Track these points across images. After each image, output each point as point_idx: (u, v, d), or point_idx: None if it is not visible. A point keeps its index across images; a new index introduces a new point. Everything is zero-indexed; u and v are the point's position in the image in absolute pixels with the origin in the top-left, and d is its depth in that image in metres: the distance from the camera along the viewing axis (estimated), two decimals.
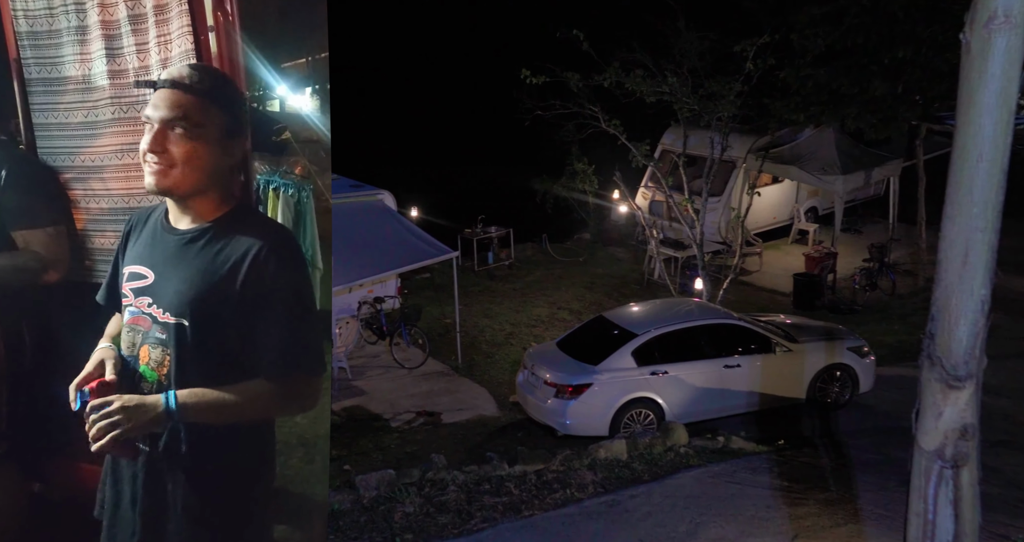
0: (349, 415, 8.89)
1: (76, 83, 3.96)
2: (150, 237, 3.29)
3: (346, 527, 5.60)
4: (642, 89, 10.26)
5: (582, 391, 8.16)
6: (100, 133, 3.96)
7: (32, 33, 3.99)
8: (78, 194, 4.02)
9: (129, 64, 3.84)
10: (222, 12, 3.60)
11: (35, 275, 3.75)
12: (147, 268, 3.23)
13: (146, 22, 3.78)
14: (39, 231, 3.77)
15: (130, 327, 3.24)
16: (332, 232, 11.09)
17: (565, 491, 6.14)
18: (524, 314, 11.74)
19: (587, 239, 15.25)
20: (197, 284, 3.09)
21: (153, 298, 3.17)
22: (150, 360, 3.15)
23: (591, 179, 14.58)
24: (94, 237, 4.03)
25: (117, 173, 3.96)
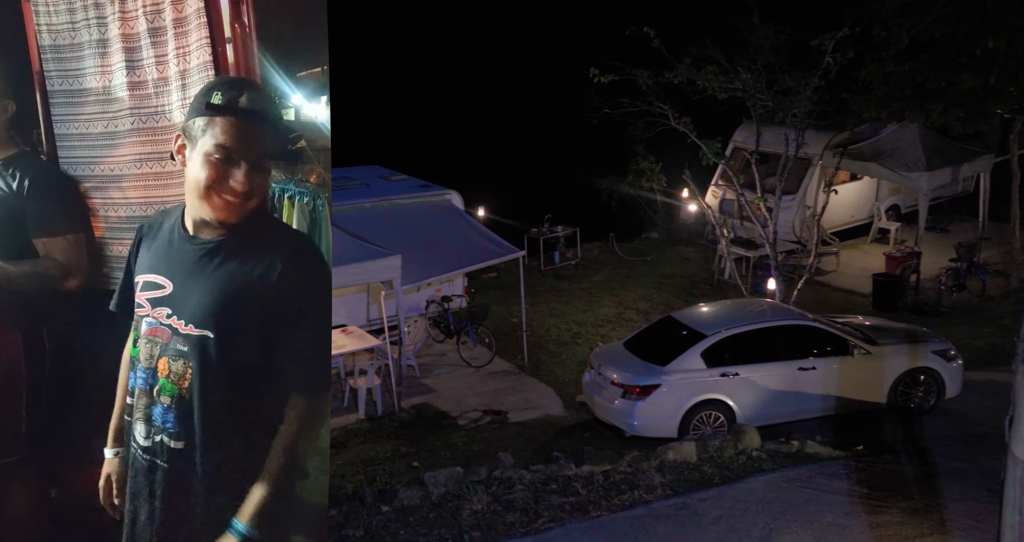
0: (418, 412, 9.01)
1: (97, 94, 4.05)
2: (166, 245, 3.21)
3: (415, 523, 5.67)
4: (714, 86, 10.06)
5: (650, 392, 8.05)
6: (119, 143, 4.03)
7: (55, 47, 4.10)
8: (97, 202, 4.10)
9: (148, 75, 3.91)
10: (239, 24, 3.63)
11: (55, 282, 3.83)
12: (164, 278, 3.15)
13: (165, 35, 3.83)
14: (59, 239, 3.86)
15: (148, 339, 3.17)
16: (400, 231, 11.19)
17: (633, 492, 6.07)
18: (591, 314, 11.67)
19: (655, 238, 15.06)
20: (220, 295, 3.01)
21: (173, 309, 3.09)
22: (170, 373, 3.07)
23: (659, 178, 14.40)
24: (112, 244, 4.10)
25: (135, 182, 4.03)
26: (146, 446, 3.14)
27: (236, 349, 3.02)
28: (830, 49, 9.70)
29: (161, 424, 3.10)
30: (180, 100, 3.85)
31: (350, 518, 5.71)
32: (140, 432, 3.16)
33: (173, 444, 3.08)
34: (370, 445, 8.27)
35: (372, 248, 9.07)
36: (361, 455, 8.03)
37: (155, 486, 3.13)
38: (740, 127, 14.09)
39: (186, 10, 3.71)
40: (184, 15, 3.72)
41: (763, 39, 10.40)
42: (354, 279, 9.01)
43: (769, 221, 10.52)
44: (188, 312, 3.04)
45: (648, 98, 10.64)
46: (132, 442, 3.21)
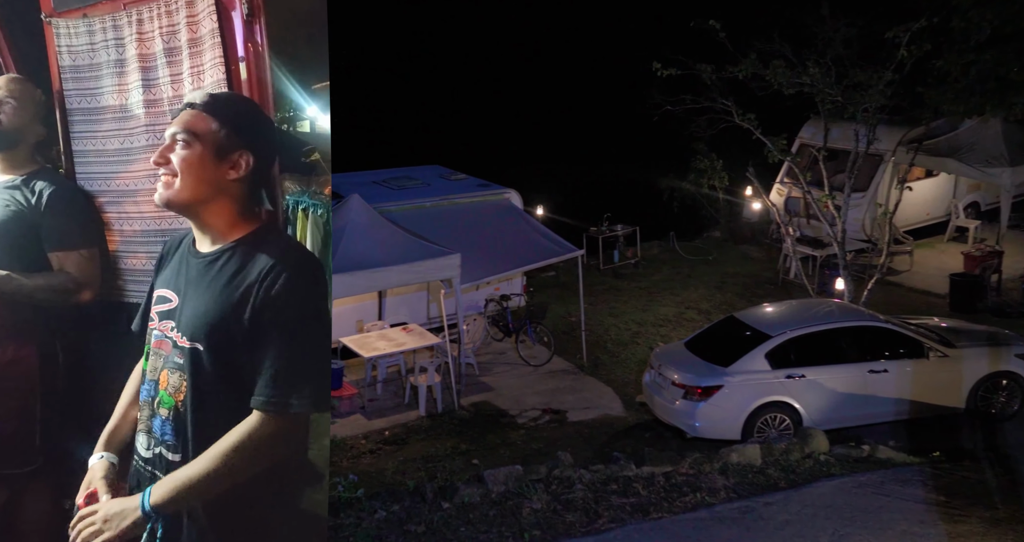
0: (477, 410, 9.06)
1: (113, 112, 4.15)
2: (178, 261, 3.28)
3: (475, 520, 5.69)
4: (780, 81, 9.79)
5: (712, 393, 7.90)
6: (134, 159, 4.11)
7: (74, 67, 4.22)
8: (112, 217, 4.18)
9: (164, 94, 3.99)
10: (252, 43, 3.68)
11: (69, 295, 3.89)
12: (172, 291, 3.21)
13: (180, 54, 3.92)
14: (74, 253, 3.92)
15: (154, 351, 3.21)
16: (459, 230, 11.24)
17: (695, 495, 5.96)
18: (650, 313, 11.53)
19: (717, 237, 14.77)
20: (212, 307, 3.02)
21: (175, 322, 3.13)
22: (168, 385, 3.09)
23: (721, 175, 14.11)
24: (126, 258, 4.17)
25: (149, 196, 3.97)
26: (147, 457, 3.18)
27: (226, 362, 2.99)
28: (905, 41, 9.33)
29: (160, 436, 3.13)
30: None
31: (411, 513, 5.77)
32: (142, 443, 3.20)
33: (171, 456, 3.10)
34: (430, 442, 8.35)
35: (432, 247, 9.16)
36: (421, 452, 8.11)
37: (160, 498, 3.12)
38: (807, 123, 13.70)
39: (200, 30, 3.81)
40: (199, 35, 3.82)
41: (833, 32, 10.08)
42: (414, 278, 9.11)
43: (837, 219, 10.20)
44: (184, 324, 3.09)
45: (711, 94, 10.44)
46: (135, 453, 3.26)
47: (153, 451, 3.15)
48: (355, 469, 7.53)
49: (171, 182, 3.06)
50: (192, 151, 3.05)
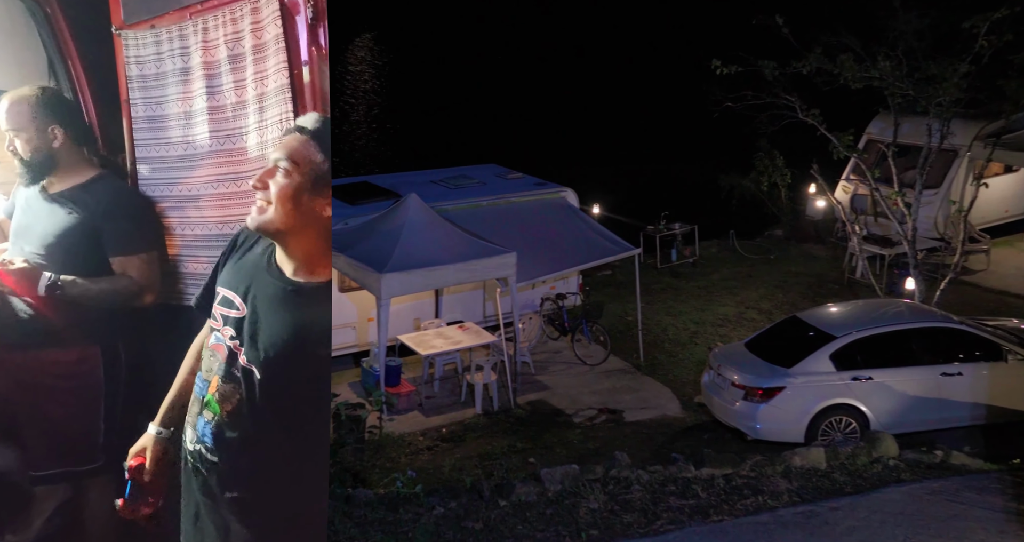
0: (533, 409, 9.06)
1: (178, 119, 4.18)
2: (252, 268, 3.15)
3: (532, 519, 5.68)
4: (847, 75, 9.49)
5: (774, 395, 7.72)
6: (197, 165, 4.14)
7: (141, 76, 4.27)
8: (174, 221, 4.21)
9: (227, 100, 3.99)
10: (316, 46, 3.61)
11: (131, 298, 3.91)
12: (240, 299, 3.11)
13: (244, 61, 3.90)
14: (134, 257, 3.94)
15: (211, 352, 3.18)
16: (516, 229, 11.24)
17: (757, 498, 5.83)
18: (709, 313, 11.33)
19: (779, 236, 14.41)
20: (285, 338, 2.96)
21: (238, 333, 3.06)
22: (218, 393, 3.08)
23: (783, 172, 13.77)
24: (188, 262, 4.20)
25: (212, 202, 4.12)
26: (190, 449, 3.23)
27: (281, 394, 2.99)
28: (984, 31, 8.93)
29: (201, 436, 3.17)
30: (257, 122, 3.94)
31: (469, 510, 5.80)
32: (188, 436, 3.24)
33: (210, 457, 3.14)
34: (486, 440, 8.38)
35: (488, 246, 9.19)
36: (478, 449, 8.15)
37: (196, 487, 3.21)
38: (876, 118, 13.25)
39: (265, 37, 3.80)
40: (263, 41, 3.81)
41: (905, 24, 9.71)
42: (470, 276, 9.16)
43: (908, 217, 9.83)
44: (250, 344, 3.02)
45: (773, 90, 10.20)
46: (184, 440, 3.29)
47: (195, 446, 3.19)
48: (413, 465, 7.62)
49: (265, 208, 2.98)
50: (291, 181, 2.97)
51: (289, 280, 3.02)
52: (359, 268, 8.61)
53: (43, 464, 3.94)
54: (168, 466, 3.40)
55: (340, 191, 10.22)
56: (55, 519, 3.98)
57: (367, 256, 8.63)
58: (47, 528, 3.96)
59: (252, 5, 3.83)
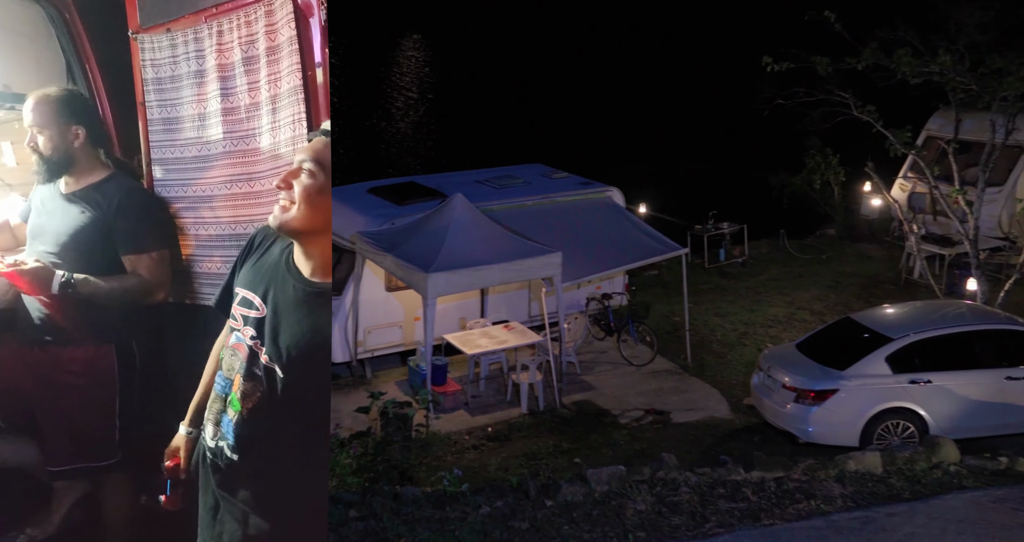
0: (579, 409, 9.01)
1: (192, 121, 4.20)
2: (270, 270, 3.17)
3: (579, 519, 5.65)
4: (905, 70, 9.21)
5: (826, 397, 7.54)
6: (211, 165, 4.16)
7: (157, 79, 4.31)
8: (188, 222, 4.25)
9: (241, 102, 3.99)
10: (330, 49, 3.67)
11: (142, 296, 3.96)
12: (260, 299, 3.13)
13: (258, 63, 3.90)
14: (144, 256, 3.99)
15: (232, 351, 3.21)
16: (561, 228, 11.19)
17: (809, 502, 5.69)
18: (759, 314, 11.12)
19: (832, 235, 14.08)
20: (310, 338, 3.01)
21: (259, 333, 3.09)
22: (240, 391, 3.11)
23: (836, 171, 13.44)
24: (202, 262, 4.24)
25: (225, 202, 4.14)
26: (211, 446, 3.27)
27: (303, 393, 3.05)
28: None
29: (224, 432, 3.21)
30: (270, 123, 3.94)
31: (515, 510, 5.79)
32: (209, 432, 3.28)
33: (231, 455, 3.18)
34: (532, 439, 8.37)
35: (533, 245, 9.18)
36: (524, 449, 8.14)
37: (215, 482, 3.25)
38: (935, 114, 12.84)
39: (279, 38, 3.79)
40: (277, 43, 3.80)
41: (968, 16, 9.39)
42: (515, 276, 9.16)
43: (969, 216, 9.50)
44: (272, 345, 3.06)
45: (827, 86, 9.97)
46: (203, 437, 3.34)
47: (217, 443, 3.23)
48: (459, 464, 7.65)
49: (288, 207, 3.02)
50: (315, 182, 3.00)
51: (308, 281, 3.07)
52: (405, 268, 8.69)
53: (61, 460, 4.02)
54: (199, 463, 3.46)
55: (387, 191, 10.33)
56: (75, 513, 4.08)
57: (413, 256, 8.71)
58: (67, 522, 4.07)
59: (267, 8, 3.84)
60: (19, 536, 4.04)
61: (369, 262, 9.23)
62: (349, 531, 5.22)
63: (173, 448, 3.57)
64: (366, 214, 9.61)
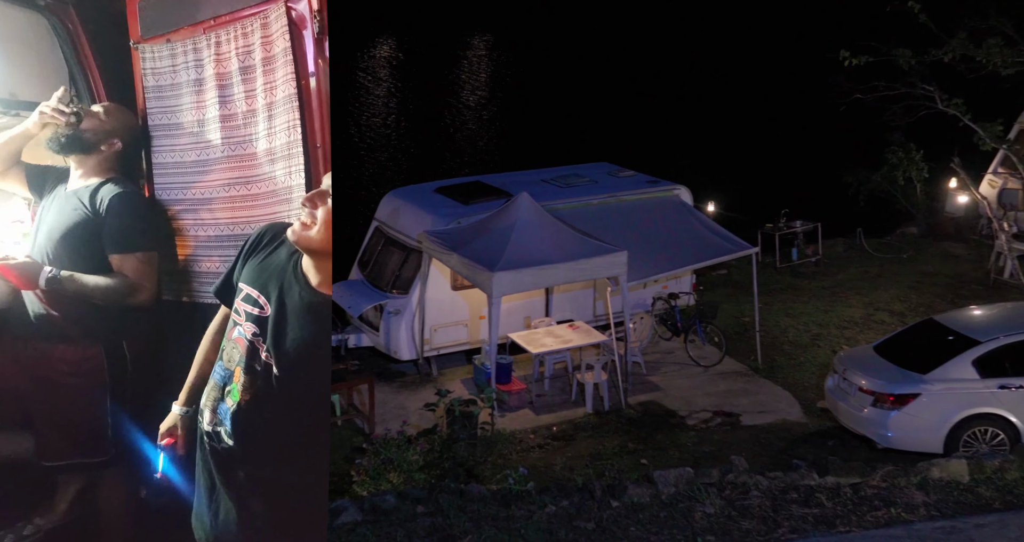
0: (644, 409, 8.89)
1: (191, 127, 4.32)
2: (278, 272, 3.27)
3: (645, 521, 5.56)
4: (996, 61, 8.75)
5: (907, 402, 7.22)
6: (210, 169, 4.27)
7: (157, 87, 4.44)
8: (188, 223, 4.35)
9: (238, 109, 4.12)
10: (322, 59, 3.76)
11: (124, 296, 3.99)
12: (265, 299, 3.24)
13: (255, 72, 4.03)
14: (131, 256, 4.02)
15: (233, 344, 3.32)
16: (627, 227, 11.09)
17: (889, 510, 5.45)
18: (833, 315, 10.74)
19: (913, 233, 13.48)
20: (316, 345, 3.16)
21: (261, 331, 3.21)
22: (240, 383, 3.24)
23: (919, 166, 12.87)
24: (201, 261, 4.34)
25: (224, 204, 4.25)
26: (208, 431, 3.38)
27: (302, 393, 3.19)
28: None
29: (222, 419, 3.32)
30: (266, 129, 4.07)
31: (581, 510, 5.75)
32: (206, 418, 3.39)
33: (228, 441, 3.30)
34: (597, 439, 8.30)
35: (598, 244, 9.11)
36: (589, 449, 8.08)
37: (213, 465, 3.37)
38: None
39: (274, 49, 3.93)
40: (272, 54, 3.94)
41: None
42: (580, 275, 9.11)
43: None
44: (274, 344, 3.18)
45: (909, 80, 9.56)
46: (200, 420, 3.45)
47: (214, 428, 3.35)
48: (524, 462, 7.64)
49: (309, 226, 3.14)
50: None
51: (314, 290, 3.22)
52: (471, 266, 8.75)
53: (54, 455, 4.13)
54: (194, 442, 3.60)
55: (453, 191, 10.43)
56: (77, 505, 4.17)
57: (479, 255, 8.76)
58: (69, 513, 4.14)
59: (262, 20, 3.99)
60: (27, 526, 4.17)
61: (435, 261, 9.33)
62: (417, 526, 5.28)
63: (169, 427, 3.72)
64: (433, 213, 9.72)
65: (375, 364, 9.63)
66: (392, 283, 9.68)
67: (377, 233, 10.26)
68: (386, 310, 9.47)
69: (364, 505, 5.61)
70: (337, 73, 18.85)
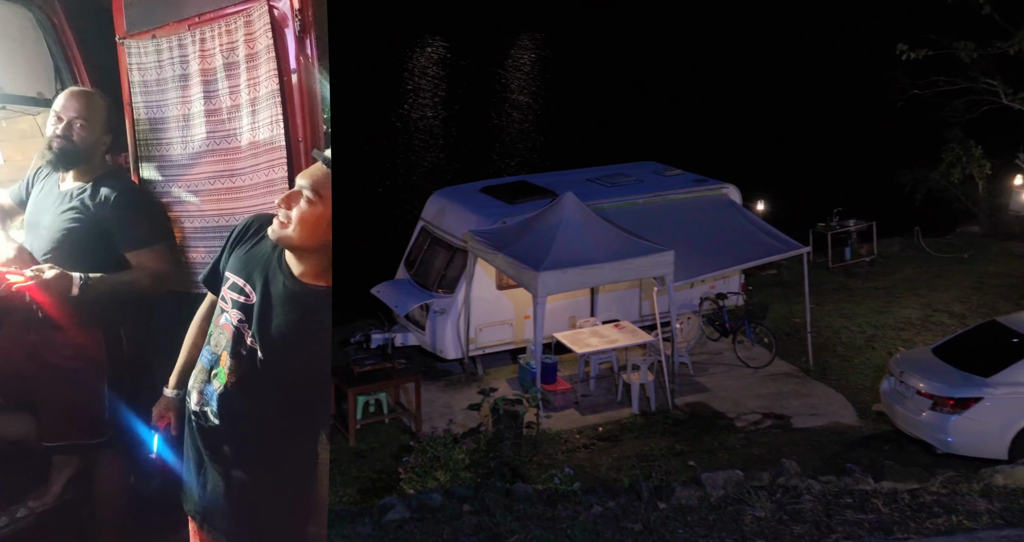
0: (692, 411, 8.77)
1: (177, 121, 4.40)
2: (262, 262, 3.40)
3: (694, 523, 5.48)
4: None
5: (968, 406, 6.98)
6: (196, 163, 4.35)
7: (143, 82, 4.53)
8: (174, 215, 4.44)
9: (223, 104, 4.22)
10: (303, 56, 3.83)
11: (150, 289, 4.11)
12: (250, 287, 3.37)
13: (238, 68, 4.12)
14: (148, 250, 4.11)
15: (221, 330, 3.46)
16: (674, 227, 10.96)
17: (950, 517, 5.26)
18: (889, 316, 10.44)
19: (975, 232, 13.02)
20: (297, 337, 3.27)
21: (247, 318, 3.34)
22: (227, 366, 3.38)
23: (981, 163, 12.43)
24: (188, 252, 4.44)
25: (210, 196, 4.33)
26: (195, 410, 3.52)
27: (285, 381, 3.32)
28: None
29: (208, 400, 3.46)
30: (250, 124, 4.17)
31: (627, 511, 5.68)
32: (194, 399, 3.53)
33: (213, 419, 3.44)
34: (644, 440, 8.21)
35: (644, 244, 9.02)
36: (635, 450, 8.01)
37: (201, 443, 3.51)
38: None
39: (257, 47, 4.04)
40: (255, 51, 4.05)
41: None
42: (625, 274, 9.03)
43: None
44: (260, 331, 3.31)
45: (971, 73, 9.24)
46: (188, 401, 3.59)
47: (201, 408, 3.49)
48: (570, 462, 7.60)
49: (286, 225, 3.26)
50: (313, 209, 3.24)
51: (298, 280, 3.33)
52: (516, 266, 8.75)
53: (54, 436, 4.27)
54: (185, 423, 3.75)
55: (498, 191, 10.45)
56: (70, 488, 4.31)
57: (524, 254, 8.75)
58: (63, 496, 4.27)
59: (245, 18, 4.10)
60: (20, 508, 4.30)
61: (481, 260, 9.36)
62: (463, 525, 5.29)
63: (161, 409, 3.87)
64: (478, 213, 9.75)
65: (421, 363, 9.70)
66: (438, 282, 9.74)
67: (423, 233, 10.34)
68: (432, 309, 9.53)
69: (411, 503, 5.65)
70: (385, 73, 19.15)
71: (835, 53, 23.22)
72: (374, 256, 11.58)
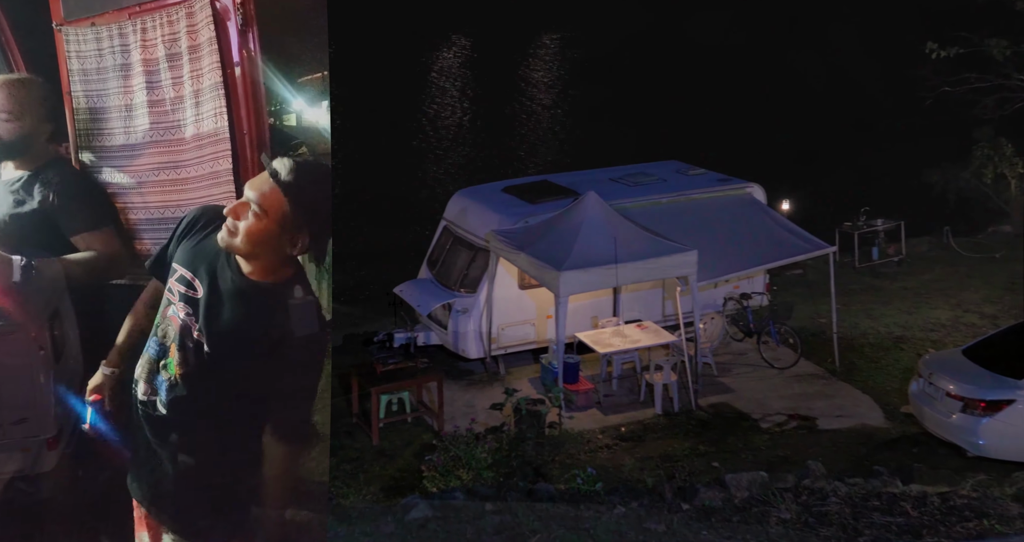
0: (715, 411, 8.70)
1: (119, 112, 4.39)
2: (210, 256, 3.46)
3: (717, 525, 5.43)
4: None
5: (1000, 408, 6.85)
6: (139, 154, 4.34)
7: (83, 70, 4.50)
8: (120, 206, 4.41)
9: (166, 95, 4.23)
10: (246, 49, 3.88)
11: (103, 272, 4.11)
12: (199, 282, 3.44)
13: (181, 60, 4.14)
14: (96, 233, 4.13)
15: (168, 322, 3.51)
16: (697, 226, 10.86)
17: (981, 521, 5.16)
18: (918, 316, 10.28)
19: (1007, 232, 12.79)
20: (241, 329, 3.32)
21: (194, 311, 3.41)
22: (175, 358, 3.45)
23: (1012, 162, 12.20)
24: (134, 244, 4.39)
25: (153, 188, 4.32)
26: (143, 400, 3.59)
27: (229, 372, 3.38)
28: None
29: (156, 389, 3.54)
30: (194, 116, 4.20)
31: (650, 512, 5.66)
32: (141, 389, 3.59)
33: (161, 409, 3.53)
34: (667, 441, 8.16)
35: (667, 243, 8.97)
36: (658, 450, 7.96)
37: (148, 431, 3.57)
38: None
39: (199, 38, 4.07)
40: (198, 43, 4.08)
41: None
42: (648, 274, 8.98)
43: None
44: (207, 326, 3.37)
45: (1004, 71, 9.07)
46: (135, 391, 3.64)
47: (149, 398, 3.56)
48: (592, 462, 7.58)
49: (234, 233, 3.35)
50: (260, 223, 3.32)
51: (245, 277, 3.39)
52: (538, 265, 8.74)
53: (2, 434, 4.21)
54: (120, 403, 3.79)
55: (520, 190, 10.45)
56: (18, 483, 4.28)
57: (546, 254, 8.74)
58: (9, 492, 4.24)
59: (187, 10, 4.12)
60: None
61: (503, 260, 9.36)
62: (485, 524, 5.30)
63: (96, 385, 3.93)
64: (500, 213, 9.75)
65: (443, 362, 9.73)
66: (460, 282, 9.76)
67: (445, 232, 10.37)
68: (454, 309, 9.55)
69: (434, 501, 5.67)
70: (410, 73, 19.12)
71: (863, 51, 22.90)
72: (397, 255, 11.62)
